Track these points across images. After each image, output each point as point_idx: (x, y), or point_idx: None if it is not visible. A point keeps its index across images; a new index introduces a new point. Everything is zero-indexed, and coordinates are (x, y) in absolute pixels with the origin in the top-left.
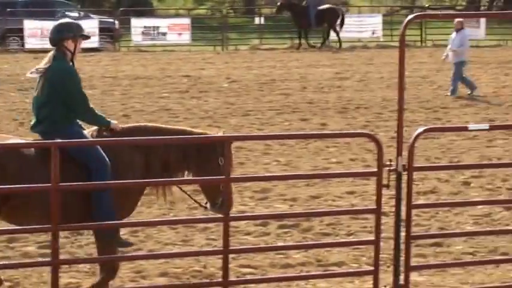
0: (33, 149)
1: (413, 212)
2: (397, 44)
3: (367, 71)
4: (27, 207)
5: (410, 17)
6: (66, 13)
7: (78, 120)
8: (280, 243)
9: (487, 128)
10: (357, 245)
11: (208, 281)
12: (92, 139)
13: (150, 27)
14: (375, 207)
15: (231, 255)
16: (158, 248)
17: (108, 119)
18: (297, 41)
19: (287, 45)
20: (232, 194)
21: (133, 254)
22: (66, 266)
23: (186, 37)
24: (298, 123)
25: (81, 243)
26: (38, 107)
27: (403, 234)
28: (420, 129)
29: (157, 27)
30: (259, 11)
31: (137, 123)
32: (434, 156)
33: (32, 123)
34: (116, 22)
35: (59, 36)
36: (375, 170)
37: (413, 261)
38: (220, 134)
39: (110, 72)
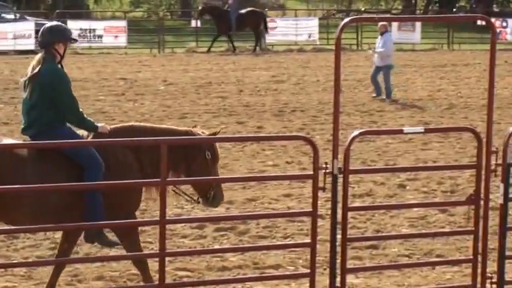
0: (25, 150)
1: (350, 214)
2: (333, 47)
3: (303, 74)
4: (17, 206)
5: (346, 20)
6: (2, 15)
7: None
8: (216, 246)
9: (422, 131)
10: (294, 248)
11: (144, 284)
12: (84, 140)
13: (86, 29)
14: (311, 209)
15: (167, 258)
16: (94, 252)
17: (96, 124)
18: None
19: (224, 48)
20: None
21: (70, 257)
22: (2, 270)
23: (122, 40)
24: (234, 126)
25: (17, 246)
26: (28, 109)
27: (339, 236)
28: (356, 132)
29: (94, 29)
30: (195, 13)
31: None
32: (370, 159)
33: (22, 126)
34: None
35: (51, 39)
36: (311, 172)
37: (350, 264)
38: (205, 132)
39: None
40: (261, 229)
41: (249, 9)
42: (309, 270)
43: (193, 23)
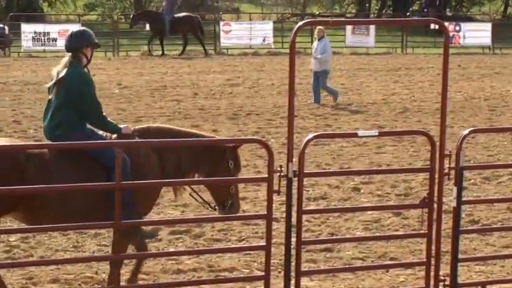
0: (50, 152)
1: (304, 217)
2: (287, 50)
3: (258, 78)
4: (46, 207)
5: (300, 23)
6: None
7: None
8: (171, 249)
9: (376, 134)
10: (248, 251)
11: (99, 287)
12: (108, 140)
13: (40, 32)
14: (265, 213)
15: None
16: (49, 255)
17: (119, 126)
18: (188, 48)
19: (179, 52)
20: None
21: (24, 260)
22: None
23: None
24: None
25: None
26: (53, 111)
27: (294, 239)
28: (310, 136)
29: (48, 32)
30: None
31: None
32: (324, 163)
33: (44, 128)
34: (6, 27)
35: (80, 44)
36: (266, 176)
37: (304, 267)
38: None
39: (0, 78)
40: (216, 232)
41: (183, 13)
42: (263, 273)
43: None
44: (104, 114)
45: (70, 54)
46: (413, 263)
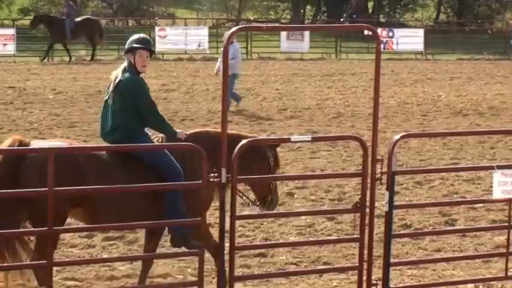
0: (108, 154)
1: (238, 223)
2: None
3: (193, 83)
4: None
5: (233, 29)
6: None
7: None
8: (105, 256)
9: (309, 139)
10: (183, 257)
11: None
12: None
13: None
14: (199, 218)
15: (55, 268)
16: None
17: (176, 129)
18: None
19: (113, 57)
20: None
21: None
22: None
23: (10, 48)
24: None
25: None
26: (111, 116)
27: (227, 245)
28: (244, 141)
29: None
30: None
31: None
32: None
33: (102, 131)
34: None
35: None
36: (199, 181)
37: (238, 272)
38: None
39: None
40: None
41: (84, 17)
42: (197, 279)
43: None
44: (162, 116)
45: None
46: (346, 267)
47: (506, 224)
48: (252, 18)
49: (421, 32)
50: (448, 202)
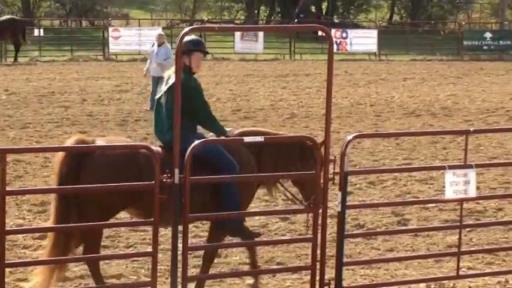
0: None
1: (191, 223)
2: None
3: (147, 84)
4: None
5: (186, 29)
6: None
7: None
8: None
9: (262, 140)
10: (136, 257)
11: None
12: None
13: None
14: (152, 219)
15: (7, 269)
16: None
17: (226, 128)
18: (76, 54)
19: (67, 58)
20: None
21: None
22: None
23: None
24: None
25: None
26: (166, 115)
27: (180, 245)
28: (197, 142)
29: None
30: (38, 22)
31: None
32: None
33: (156, 128)
34: None
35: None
36: (152, 182)
37: (192, 272)
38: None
39: None
40: (104, 239)
41: (7, 16)
42: (149, 279)
43: (35, 32)
44: (214, 115)
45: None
46: (300, 267)
47: (458, 223)
48: (206, 18)
49: (374, 33)
50: (400, 202)
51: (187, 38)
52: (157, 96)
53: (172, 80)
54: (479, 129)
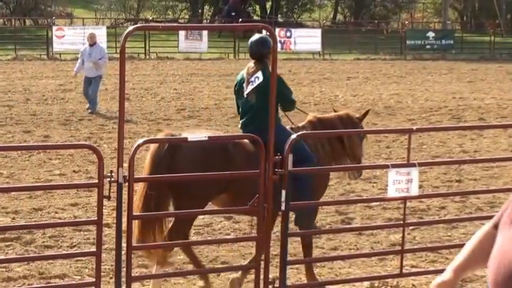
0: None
1: (136, 222)
2: None
3: None
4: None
5: (130, 28)
6: None
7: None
8: (1, 257)
9: (206, 138)
10: (79, 257)
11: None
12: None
13: None
14: (96, 218)
15: None
16: None
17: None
18: (20, 53)
19: (10, 57)
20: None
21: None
22: None
23: None
24: (21, 135)
25: None
26: (255, 110)
27: (124, 245)
28: (140, 141)
29: None
30: None
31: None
32: None
33: (243, 122)
34: None
35: (266, 50)
36: (96, 181)
37: (136, 272)
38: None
39: None
40: (47, 239)
41: None
42: (93, 279)
43: None
44: (295, 99)
45: (255, 59)
46: (244, 266)
47: (401, 222)
48: (151, 17)
49: (318, 32)
50: (344, 201)
51: (268, 38)
52: (246, 92)
53: (260, 79)
54: (422, 128)
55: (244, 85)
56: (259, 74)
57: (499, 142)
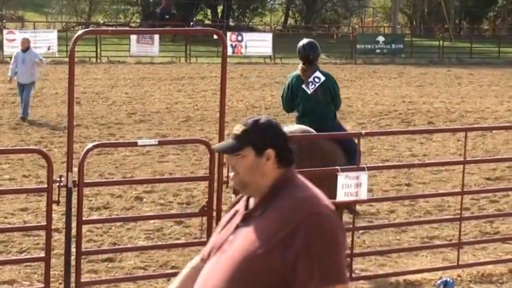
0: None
1: (86, 227)
2: None
3: (42, 87)
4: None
5: (79, 32)
6: None
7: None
8: None
9: (156, 143)
10: (28, 262)
11: None
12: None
13: None
14: (45, 223)
15: None
16: None
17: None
18: None
19: None
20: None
21: None
22: None
23: None
24: None
25: None
26: (322, 106)
27: (74, 250)
28: (90, 145)
29: None
30: None
31: None
32: (107, 172)
33: (311, 117)
34: None
35: (317, 53)
36: (46, 186)
37: (86, 277)
38: None
39: None
40: None
41: None
42: (43, 285)
43: None
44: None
45: (305, 62)
46: None
47: (350, 226)
48: (102, 21)
49: (269, 36)
50: None
51: (316, 44)
52: (311, 91)
53: (322, 79)
54: (372, 132)
55: (304, 86)
56: (318, 74)
57: (447, 146)
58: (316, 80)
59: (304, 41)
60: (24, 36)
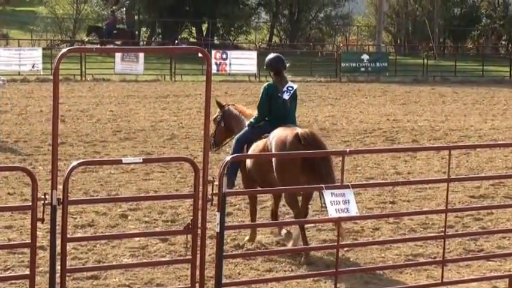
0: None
1: (70, 245)
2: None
3: (26, 105)
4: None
5: (63, 50)
6: None
7: None
8: None
9: (141, 161)
10: (13, 280)
11: None
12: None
13: None
14: (30, 241)
15: None
16: None
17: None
18: None
19: None
20: None
21: None
22: None
23: None
24: None
25: None
26: (287, 112)
27: (59, 267)
28: (75, 163)
29: None
30: None
31: None
32: (92, 190)
33: (280, 120)
34: None
35: (284, 66)
36: (30, 204)
37: None
38: None
39: None
40: None
41: None
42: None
43: None
44: None
45: (276, 73)
46: None
47: (335, 243)
48: (87, 39)
49: (254, 54)
50: (279, 222)
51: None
52: (287, 98)
53: (294, 87)
54: (356, 150)
55: (280, 94)
56: (291, 83)
57: (431, 164)
58: (290, 88)
59: (272, 55)
60: None
